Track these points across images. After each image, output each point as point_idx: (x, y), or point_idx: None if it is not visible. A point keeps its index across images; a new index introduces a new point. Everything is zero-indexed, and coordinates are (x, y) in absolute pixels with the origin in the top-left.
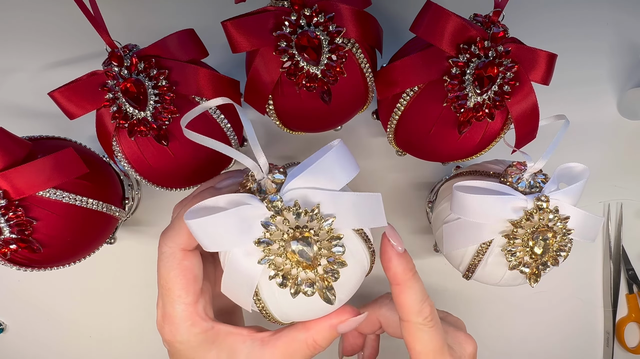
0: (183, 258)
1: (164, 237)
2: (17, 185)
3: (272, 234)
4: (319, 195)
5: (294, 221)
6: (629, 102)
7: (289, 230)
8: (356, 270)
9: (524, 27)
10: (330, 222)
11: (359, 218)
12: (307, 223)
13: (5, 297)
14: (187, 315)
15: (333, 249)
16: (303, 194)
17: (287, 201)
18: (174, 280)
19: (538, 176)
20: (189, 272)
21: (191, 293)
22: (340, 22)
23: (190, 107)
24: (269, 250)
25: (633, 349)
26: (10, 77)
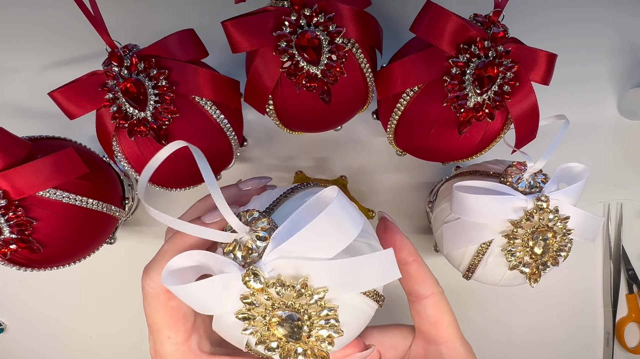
0: (168, 299)
1: (146, 275)
2: (17, 185)
3: (254, 309)
4: (309, 265)
5: (277, 298)
6: (629, 102)
7: (272, 306)
8: (357, 325)
9: (524, 26)
10: (321, 295)
11: (363, 282)
12: (293, 300)
13: (5, 297)
14: (179, 354)
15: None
16: (290, 263)
17: (269, 273)
18: (161, 321)
19: (538, 176)
20: (176, 312)
21: (181, 332)
22: (340, 22)
23: (191, 107)
24: (253, 322)
25: (633, 349)
26: (10, 77)
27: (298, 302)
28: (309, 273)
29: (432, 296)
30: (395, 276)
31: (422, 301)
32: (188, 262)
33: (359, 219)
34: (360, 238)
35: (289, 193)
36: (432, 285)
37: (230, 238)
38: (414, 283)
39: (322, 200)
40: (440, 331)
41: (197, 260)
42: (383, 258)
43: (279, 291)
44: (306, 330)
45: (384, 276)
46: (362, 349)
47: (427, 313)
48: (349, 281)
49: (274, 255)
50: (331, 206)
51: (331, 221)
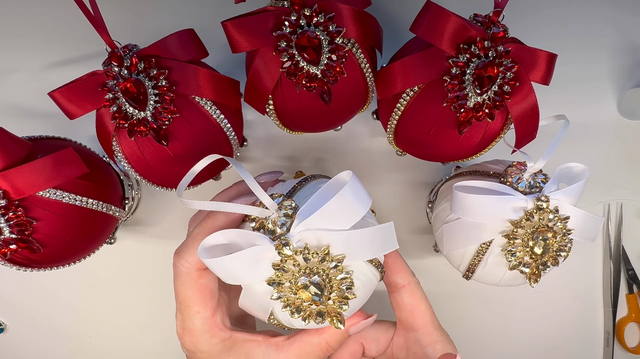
0: (199, 277)
1: (178, 256)
2: (17, 185)
3: (283, 275)
4: (329, 235)
5: (304, 264)
6: (629, 102)
7: (300, 272)
8: (366, 292)
9: (524, 26)
10: (340, 261)
11: (371, 250)
12: (317, 265)
13: (5, 297)
14: (206, 328)
15: (342, 285)
16: (313, 235)
17: (296, 243)
18: (192, 297)
19: (538, 176)
20: (205, 289)
21: (209, 307)
22: (340, 22)
23: (191, 107)
24: (281, 288)
25: (633, 349)
26: (10, 77)
27: (321, 267)
28: (330, 242)
29: (408, 285)
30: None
31: (400, 290)
32: (222, 239)
33: (368, 198)
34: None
35: (303, 182)
36: (408, 275)
37: (263, 214)
38: (392, 274)
39: (339, 182)
40: (416, 318)
41: (229, 238)
42: (387, 230)
43: (305, 258)
44: (327, 293)
45: (388, 245)
46: (365, 317)
47: (405, 301)
48: (362, 249)
49: (301, 228)
50: (347, 186)
51: (347, 199)
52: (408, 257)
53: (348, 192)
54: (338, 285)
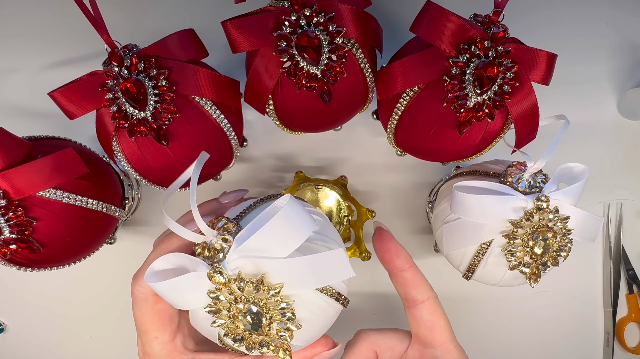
0: (156, 302)
1: (135, 281)
2: (17, 185)
3: (219, 303)
4: (266, 263)
5: (238, 292)
6: (629, 102)
7: (235, 299)
8: (319, 322)
9: (524, 26)
10: (277, 291)
11: (316, 279)
12: (253, 294)
13: (5, 297)
14: (165, 353)
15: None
16: (251, 262)
17: (232, 271)
18: (149, 323)
19: (538, 176)
20: (163, 314)
21: (167, 332)
22: (340, 22)
23: (191, 107)
24: (220, 316)
25: (633, 349)
26: (10, 77)
27: (257, 297)
28: (267, 271)
29: (427, 300)
30: (347, 275)
31: (418, 306)
32: (166, 264)
33: (310, 223)
34: (319, 241)
35: (257, 203)
36: (428, 290)
37: (200, 239)
38: (410, 289)
39: (276, 207)
40: (435, 335)
41: (173, 262)
42: (335, 257)
43: (240, 287)
44: (266, 323)
45: (337, 274)
46: (330, 347)
47: (424, 317)
48: (303, 278)
49: (236, 255)
50: (282, 212)
51: (283, 224)
52: None
53: (284, 216)
54: (278, 314)
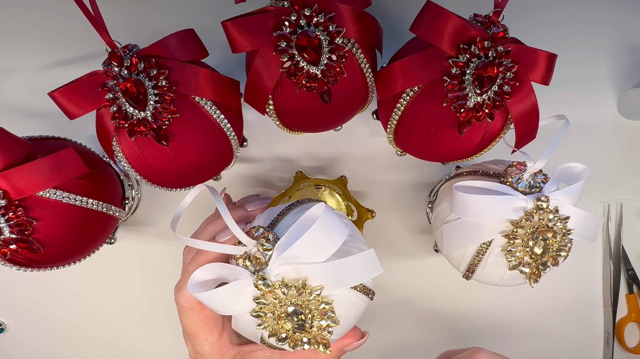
0: (201, 309)
1: (179, 292)
2: (17, 185)
3: (264, 308)
4: (306, 268)
5: (283, 296)
6: (629, 102)
7: (279, 304)
8: (353, 316)
9: (524, 26)
10: (318, 293)
11: (351, 279)
12: (296, 297)
13: (5, 297)
14: (216, 351)
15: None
16: (292, 268)
17: (275, 277)
18: (198, 328)
19: (538, 176)
20: (209, 318)
21: (215, 332)
22: (340, 22)
23: (191, 107)
24: (264, 319)
25: (633, 349)
26: (10, 77)
27: (300, 299)
28: (307, 275)
29: None
30: (377, 272)
31: None
32: (207, 275)
33: (344, 228)
34: (350, 243)
35: (286, 211)
36: None
37: (241, 250)
38: None
39: (312, 216)
40: None
41: (214, 272)
42: (366, 258)
43: (284, 291)
44: (309, 322)
45: (368, 273)
46: (359, 338)
47: None
48: (340, 278)
49: (278, 262)
50: (319, 221)
51: (320, 233)
52: (408, 257)
53: (321, 225)
54: (319, 314)
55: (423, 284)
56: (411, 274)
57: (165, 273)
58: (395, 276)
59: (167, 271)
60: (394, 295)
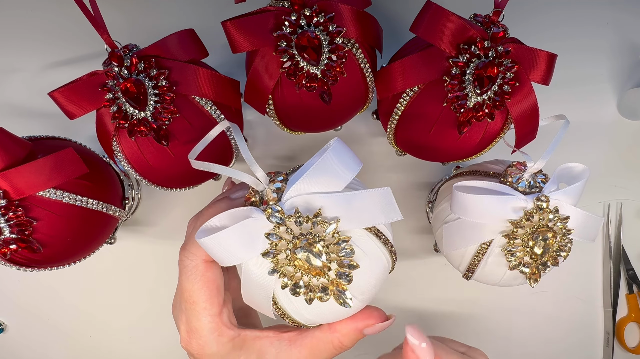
0: (206, 270)
1: (184, 251)
2: (17, 185)
3: (277, 245)
4: (321, 199)
5: (297, 229)
6: (629, 102)
7: (293, 238)
8: (373, 269)
9: (524, 26)
10: (334, 226)
11: (368, 216)
12: (310, 230)
13: (5, 297)
14: (214, 326)
15: (341, 252)
16: (304, 200)
17: (288, 210)
18: (199, 292)
19: (538, 176)
20: (212, 284)
21: (216, 304)
22: (340, 22)
23: (190, 107)
24: (277, 260)
25: (633, 349)
26: (10, 77)
27: (315, 231)
28: (322, 205)
29: None
30: (396, 215)
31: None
32: (219, 222)
33: (357, 160)
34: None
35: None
36: None
37: (256, 183)
38: None
39: (326, 147)
40: None
41: (226, 220)
42: (384, 195)
43: (297, 222)
44: (325, 261)
45: (386, 213)
46: (383, 319)
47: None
48: (358, 212)
49: (290, 194)
50: (333, 147)
51: (334, 159)
52: (408, 257)
53: (334, 152)
54: (337, 252)
55: (423, 284)
56: (411, 274)
57: (165, 273)
58: (395, 276)
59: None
60: (394, 294)
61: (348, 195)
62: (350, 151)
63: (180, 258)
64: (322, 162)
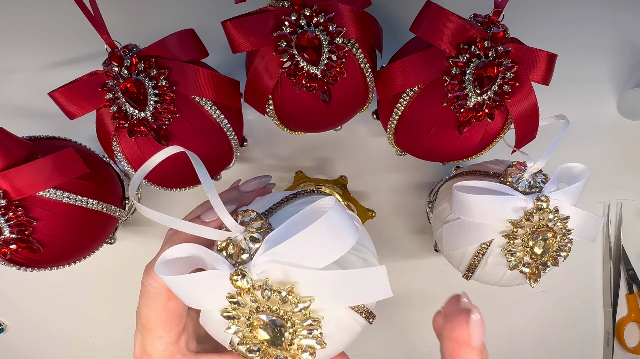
0: (168, 299)
1: (148, 273)
2: (17, 185)
3: (238, 309)
4: (299, 273)
5: (263, 301)
6: (629, 102)
7: (258, 307)
8: (342, 337)
9: (524, 26)
10: (305, 305)
11: (351, 297)
12: (279, 305)
13: (5, 297)
14: (168, 354)
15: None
16: (280, 269)
17: (257, 275)
18: (156, 320)
19: (538, 176)
20: (173, 313)
21: (174, 332)
22: (340, 22)
23: (190, 107)
24: (237, 322)
25: (633, 349)
26: (10, 77)
27: (283, 308)
28: (298, 281)
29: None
30: (385, 295)
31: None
32: (181, 253)
33: (354, 232)
34: (354, 251)
35: (290, 198)
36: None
37: (224, 236)
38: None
39: (319, 209)
40: None
41: (189, 252)
42: (375, 275)
43: (265, 295)
44: (288, 337)
45: (374, 294)
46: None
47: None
48: (337, 294)
49: (265, 258)
50: (327, 216)
51: (325, 231)
52: (408, 257)
53: (328, 222)
54: (303, 330)
55: (423, 284)
56: (411, 274)
57: None
58: (395, 276)
59: None
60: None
61: (331, 274)
62: (348, 219)
63: (142, 281)
64: (310, 230)
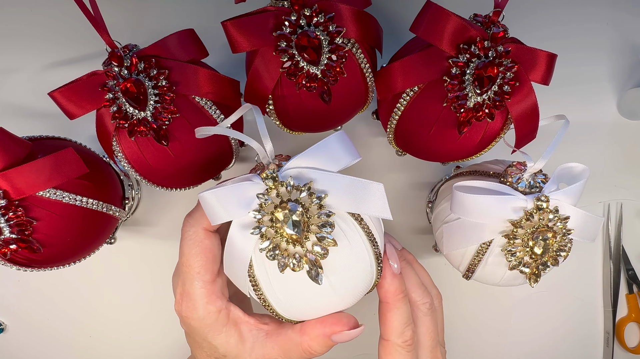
0: (205, 238)
1: (188, 219)
2: (17, 185)
3: (265, 206)
4: (315, 173)
5: (286, 194)
6: (629, 102)
7: (281, 202)
8: (352, 260)
9: (524, 26)
10: (321, 197)
11: (356, 202)
12: (298, 197)
13: (5, 297)
14: (204, 292)
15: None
16: (299, 172)
17: (282, 177)
18: (195, 257)
19: (538, 176)
20: (208, 251)
21: (209, 271)
22: (340, 22)
23: (191, 107)
24: (262, 221)
25: (633, 349)
26: (10, 77)
27: (302, 199)
28: (314, 179)
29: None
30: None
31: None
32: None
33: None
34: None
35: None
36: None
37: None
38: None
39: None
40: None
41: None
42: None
43: (288, 190)
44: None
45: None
46: (352, 326)
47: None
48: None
49: (288, 166)
50: (336, 134)
51: (335, 143)
52: None
53: (337, 137)
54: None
55: None
56: None
57: (165, 274)
58: None
59: (167, 272)
60: None
61: (341, 176)
62: (352, 144)
63: (183, 225)
64: (322, 143)
